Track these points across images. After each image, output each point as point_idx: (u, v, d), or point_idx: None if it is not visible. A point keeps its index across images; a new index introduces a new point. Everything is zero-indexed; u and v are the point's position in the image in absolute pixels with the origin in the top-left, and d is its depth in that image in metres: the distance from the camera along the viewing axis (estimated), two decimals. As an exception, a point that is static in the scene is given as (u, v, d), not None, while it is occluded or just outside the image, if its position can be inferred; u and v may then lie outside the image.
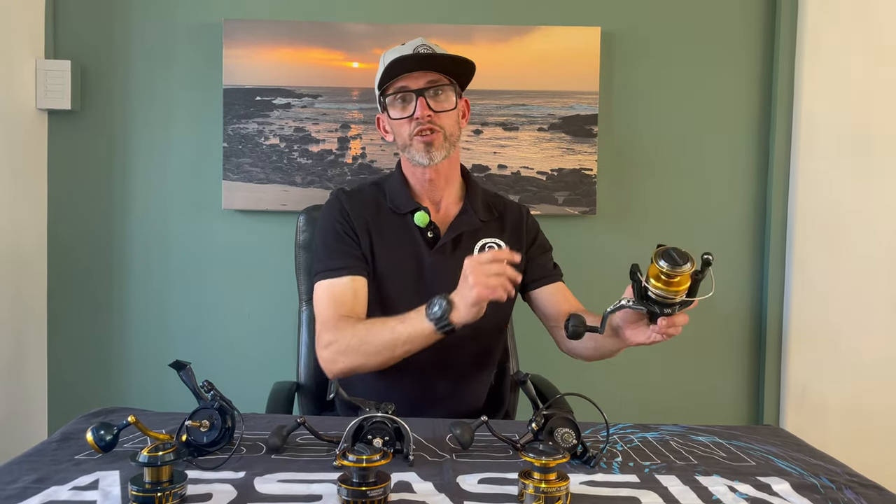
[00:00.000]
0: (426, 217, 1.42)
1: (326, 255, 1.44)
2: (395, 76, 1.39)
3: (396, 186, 1.49)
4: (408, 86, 1.39)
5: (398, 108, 1.41)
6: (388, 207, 1.47)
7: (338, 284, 1.40)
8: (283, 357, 2.04)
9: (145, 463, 0.84)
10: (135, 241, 2.15)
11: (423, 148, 1.40)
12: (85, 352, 2.16)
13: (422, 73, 1.39)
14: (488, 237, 1.48)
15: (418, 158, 1.41)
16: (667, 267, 1.05)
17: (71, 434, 1.12)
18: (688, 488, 0.96)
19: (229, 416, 1.05)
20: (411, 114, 1.39)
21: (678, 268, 1.05)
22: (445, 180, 1.48)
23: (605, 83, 2.14)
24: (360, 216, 1.46)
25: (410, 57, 1.38)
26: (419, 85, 1.39)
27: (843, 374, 2.14)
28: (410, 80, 1.39)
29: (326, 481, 0.94)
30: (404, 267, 1.44)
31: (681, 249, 1.07)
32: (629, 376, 2.20)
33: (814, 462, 1.09)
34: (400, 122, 1.42)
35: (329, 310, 1.38)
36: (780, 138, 2.13)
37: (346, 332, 1.32)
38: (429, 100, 1.39)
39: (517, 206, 1.57)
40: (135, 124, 2.13)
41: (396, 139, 1.45)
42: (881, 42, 2.11)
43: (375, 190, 1.51)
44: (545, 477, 0.87)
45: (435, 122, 1.39)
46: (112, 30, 2.12)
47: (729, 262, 2.20)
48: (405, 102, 1.41)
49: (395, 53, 1.40)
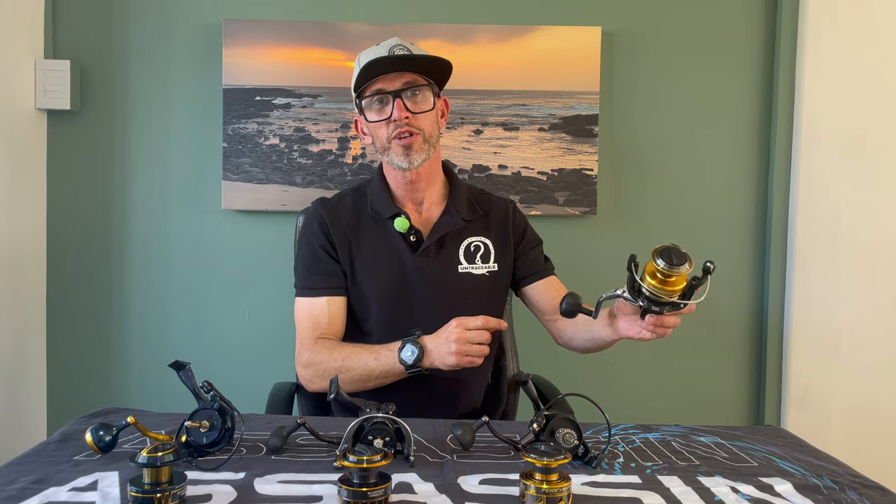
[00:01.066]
0: (406, 223, 1.42)
1: (305, 272, 1.46)
2: (372, 78, 1.38)
3: (377, 191, 1.48)
4: (384, 87, 1.38)
5: (375, 110, 1.40)
6: (369, 214, 1.47)
7: (316, 305, 1.44)
8: (283, 357, 2.03)
9: (144, 464, 0.84)
10: (134, 241, 2.15)
11: (402, 151, 1.39)
12: (84, 352, 2.16)
13: (398, 74, 1.37)
14: (473, 236, 1.48)
15: (398, 162, 1.40)
16: (663, 266, 1.04)
17: (70, 435, 1.12)
18: (690, 489, 0.95)
19: (229, 416, 1.04)
20: (389, 116, 1.38)
21: (675, 268, 1.03)
22: (427, 181, 1.47)
23: (605, 83, 2.14)
24: (338, 228, 1.46)
25: (385, 59, 1.36)
26: (396, 86, 1.38)
27: (844, 374, 2.14)
28: (387, 81, 1.38)
29: (327, 482, 0.93)
30: (389, 273, 1.44)
31: (681, 249, 1.05)
32: (630, 377, 2.19)
33: (816, 463, 1.08)
34: (377, 125, 1.41)
35: (307, 330, 1.42)
36: (782, 138, 2.13)
37: (323, 356, 1.37)
38: (406, 101, 1.37)
39: (503, 202, 1.56)
40: (134, 124, 2.13)
41: (375, 142, 1.44)
42: (882, 41, 2.10)
43: (356, 196, 1.51)
44: (547, 478, 0.86)
45: (413, 123, 1.38)
46: (111, 30, 2.12)
47: (730, 263, 2.19)
48: (382, 104, 1.39)
49: (371, 55, 1.39)
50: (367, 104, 1.41)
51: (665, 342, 2.18)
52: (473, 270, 1.46)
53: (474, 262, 1.47)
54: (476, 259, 1.47)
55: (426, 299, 1.43)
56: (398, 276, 1.43)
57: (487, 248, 1.48)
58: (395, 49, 1.39)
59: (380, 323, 1.44)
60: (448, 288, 1.44)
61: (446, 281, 1.44)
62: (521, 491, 0.88)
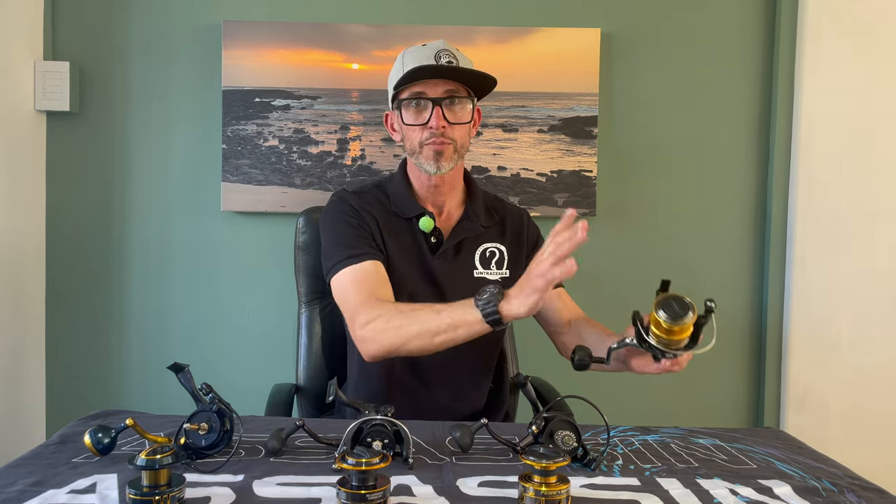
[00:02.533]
0: (431, 223, 1.41)
1: (342, 245, 1.39)
2: (415, 80, 1.36)
3: (400, 190, 1.47)
4: (426, 92, 1.37)
5: (412, 112, 1.39)
6: (392, 211, 1.46)
7: (361, 270, 1.35)
8: (282, 359, 2.04)
9: (143, 466, 0.83)
10: (134, 243, 2.15)
11: (432, 156, 1.38)
12: (83, 354, 2.16)
13: (441, 80, 1.37)
14: (489, 242, 1.48)
15: (426, 167, 1.40)
16: (666, 319, 1.02)
17: (69, 437, 1.11)
18: (689, 491, 0.95)
19: (228, 418, 1.04)
20: (426, 122, 1.37)
21: (679, 320, 1.02)
22: (450, 186, 1.47)
23: (604, 85, 2.14)
24: (370, 214, 1.44)
25: (433, 68, 1.35)
26: (437, 93, 1.36)
27: (844, 375, 2.14)
28: (429, 86, 1.36)
29: (325, 484, 0.93)
30: (412, 268, 1.43)
31: (683, 299, 1.02)
32: (629, 379, 2.16)
33: (815, 465, 1.08)
34: (412, 128, 1.39)
35: (360, 293, 1.32)
36: (781, 139, 2.13)
37: (387, 309, 1.26)
38: (445, 110, 1.36)
39: (518, 211, 1.57)
40: (134, 126, 2.13)
41: (405, 142, 1.43)
42: (881, 40, 2.10)
43: (378, 192, 1.49)
44: (546, 480, 0.86)
45: (447, 133, 1.37)
46: (111, 31, 2.12)
47: (729, 264, 2.19)
48: (420, 108, 1.38)
49: (417, 58, 1.37)
50: (405, 104, 1.39)
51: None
52: (488, 276, 1.46)
53: (489, 267, 1.47)
54: (491, 265, 1.47)
55: (440, 300, 1.41)
56: (420, 274, 1.43)
57: (502, 254, 1.48)
58: (441, 54, 1.37)
59: None
60: (463, 291, 1.42)
61: (462, 284, 1.43)
62: (519, 493, 0.88)
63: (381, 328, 1.25)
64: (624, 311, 2.32)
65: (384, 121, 1.51)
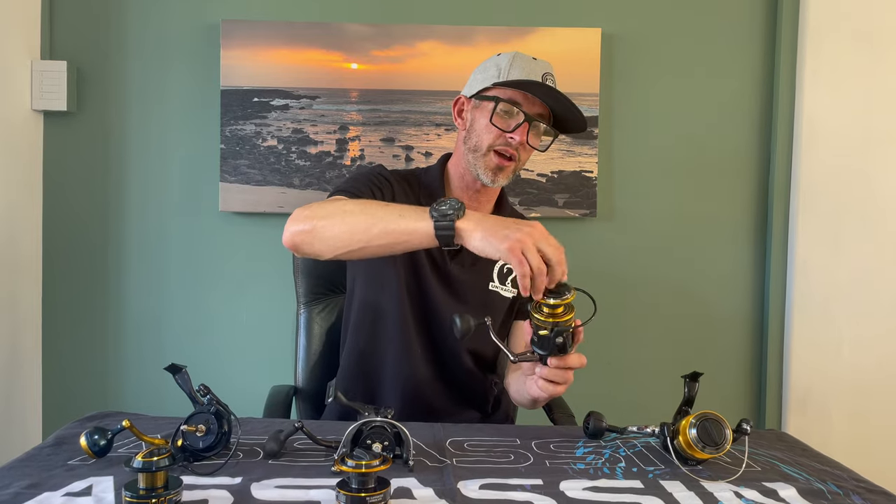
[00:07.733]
0: None
1: (351, 183, 1.36)
2: (518, 87, 1.33)
3: (434, 184, 1.45)
4: (523, 105, 1.33)
5: (501, 116, 1.34)
6: (419, 201, 1.41)
7: (347, 201, 1.24)
8: (281, 360, 2.02)
9: (140, 468, 0.82)
10: (131, 244, 2.14)
11: (493, 167, 1.36)
12: (80, 355, 2.14)
13: (539, 101, 1.34)
14: None
15: (483, 175, 1.37)
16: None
17: (65, 439, 1.10)
18: (693, 494, 0.95)
19: (226, 420, 1.03)
20: (511, 129, 1.33)
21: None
22: (489, 198, 1.46)
23: (605, 85, 2.13)
24: (401, 192, 1.41)
25: (545, 88, 1.31)
26: (533, 111, 1.34)
27: (845, 377, 2.13)
28: (528, 101, 1.34)
29: (325, 487, 0.92)
30: (426, 263, 1.40)
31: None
32: (629, 379, 2.18)
33: (820, 467, 1.07)
34: (490, 128, 1.35)
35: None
36: (782, 139, 2.12)
37: (329, 203, 1.20)
38: (531, 130, 1.35)
39: None
40: (131, 126, 2.12)
41: (471, 136, 1.38)
42: (882, 41, 2.10)
43: (412, 178, 1.47)
44: (553, 311, 1.04)
45: (520, 151, 1.35)
46: (109, 30, 2.10)
47: (730, 265, 2.19)
48: (509, 116, 1.34)
49: (528, 70, 1.33)
50: (501, 105, 1.34)
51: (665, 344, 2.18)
52: (502, 291, 1.45)
53: (505, 283, 1.46)
54: (507, 281, 1.46)
55: (446, 304, 1.39)
56: (433, 272, 1.40)
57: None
58: (547, 77, 1.34)
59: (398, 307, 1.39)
60: (473, 300, 1.41)
61: (473, 292, 1.41)
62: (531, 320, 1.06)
63: (319, 214, 1.17)
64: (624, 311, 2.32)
65: (454, 105, 1.45)
